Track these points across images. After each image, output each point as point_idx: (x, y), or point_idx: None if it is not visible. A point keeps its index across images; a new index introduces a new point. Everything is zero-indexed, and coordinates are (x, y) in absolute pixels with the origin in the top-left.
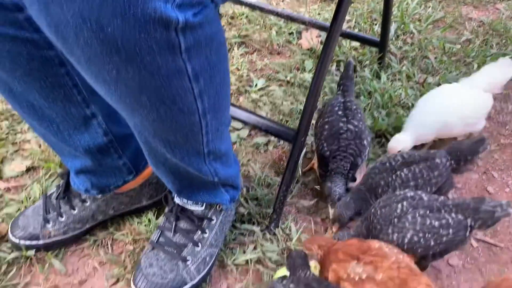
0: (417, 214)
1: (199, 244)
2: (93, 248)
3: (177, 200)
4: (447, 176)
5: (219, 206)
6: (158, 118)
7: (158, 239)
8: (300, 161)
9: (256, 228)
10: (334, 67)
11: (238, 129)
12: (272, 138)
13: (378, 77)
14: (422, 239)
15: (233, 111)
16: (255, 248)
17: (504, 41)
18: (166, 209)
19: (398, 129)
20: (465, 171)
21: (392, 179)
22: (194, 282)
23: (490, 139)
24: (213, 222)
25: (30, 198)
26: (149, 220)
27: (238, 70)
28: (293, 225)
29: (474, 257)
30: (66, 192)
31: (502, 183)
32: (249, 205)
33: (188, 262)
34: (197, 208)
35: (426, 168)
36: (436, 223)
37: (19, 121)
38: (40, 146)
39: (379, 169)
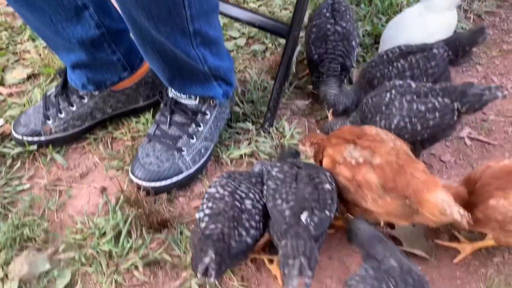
0: (404, 100)
1: (194, 137)
2: (93, 145)
3: (171, 94)
4: (444, 68)
5: (213, 101)
6: None
7: (155, 132)
8: (295, 58)
9: (251, 126)
10: None
11: (235, 38)
12: (270, 45)
13: None
14: (408, 124)
15: (227, 8)
16: (249, 144)
17: None
18: (162, 105)
19: None
20: (462, 63)
21: (388, 71)
22: (190, 171)
23: (493, 46)
24: (207, 116)
25: (31, 101)
26: (147, 120)
27: None
28: (287, 124)
29: (467, 154)
30: (64, 89)
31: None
32: (244, 105)
33: (184, 153)
34: (191, 102)
35: (423, 58)
36: (423, 107)
37: (18, 32)
38: (40, 55)
39: (376, 62)
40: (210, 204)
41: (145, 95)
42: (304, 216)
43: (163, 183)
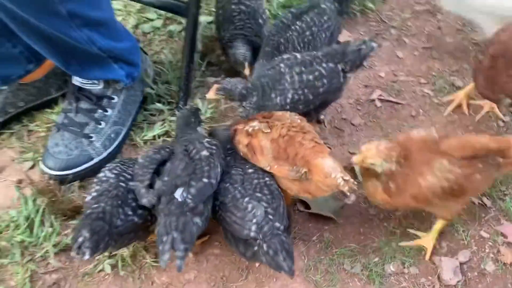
0: (294, 73)
1: (102, 122)
2: (9, 140)
3: (73, 81)
4: (336, 19)
5: (119, 85)
6: None
7: (63, 121)
8: (198, 35)
9: (164, 107)
10: None
11: (152, 20)
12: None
13: None
14: (302, 96)
15: None
16: (163, 124)
17: None
18: (67, 93)
19: None
20: (347, 11)
21: (289, 34)
22: (101, 157)
23: (406, 8)
24: (114, 100)
25: None
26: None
27: None
28: (200, 102)
29: (377, 116)
30: None
31: (412, 47)
32: (159, 87)
33: (93, 139)
34: (95, 87)
35: (316, 15)
36: (311, 77)
37: None
38: None
39: (276, 29)
40: (96, 187)
41: (57, 85)
42: (178, 193)
43: (73, 170)
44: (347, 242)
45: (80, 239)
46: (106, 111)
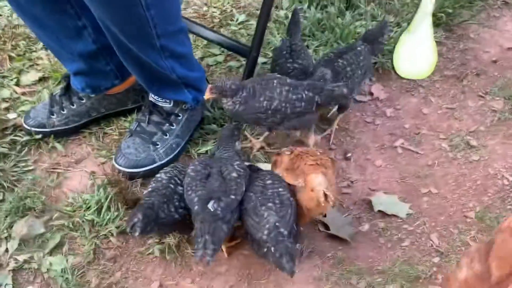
0: (283, 89)
1: (167, 134)
2: (88, 138)
3: (150, 97)
4: (368, 59)
5: (185, 105)
6: (109, 6)
7: (136, 128)
8: (256, 74)
9: (217, 128)
10: (306, 6)
11: (216, 55)
12: (244, 62)
13: (344, 14)
14: (283, 108)
15: (198, 29)
16: (214, 142)
17: None
18: (143, 106)
19: None
20: (378, 52)
21: (336, 65)
22: (162, 162)
23: (436, 71)
24: (180, 118)
25: (40, 100)
26: (132, 119)
27: (223, 6)
28: (248, 129)
29: (397, 161)
30: (68, 91)
31: (437, 106)
32: (215, 111)
33: (158, 147)
34: (166, 105)
35: (353, 56)
36: (294, 96)
37: (34, 42)
38: (50, 61)
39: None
40: (152, 184)
41: (133, 99)
42: (210, 204)
43: (139, 170)
44: (356, 262)
45: (135, 219)
46: (172, 126)
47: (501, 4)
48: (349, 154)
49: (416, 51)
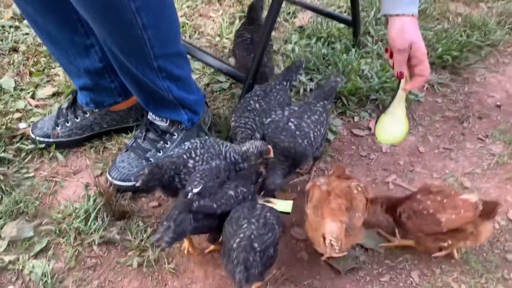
0: (305, 119)
1: (161, 151)
2: (88, 151)
3: (148, 115)
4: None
5: (181, 125)
6: (108, 26)
7: (132, 144)
8: None
9: None
10: (314, 41)
11: (221, 82)
12: None
13: (349, 51)
14: (317, 135)
15: (202, 55)
16: None
17: (476, 32)
18: (141, 123)
19: (352, 94)
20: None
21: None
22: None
23: (438, 112)
24: (174, 137)
25: (51, 112)
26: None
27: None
28: None
29: None
30: (74, 104)
31: (434, 145)
32: (211, 133)
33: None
34: (162, 124)
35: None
36: (314, 118)
37: (54, 59)
38: (65, 78)
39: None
40: (174, 150)
41: (135, 117)
42: (190, 193)
43: (130, 183)
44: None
45: (141, 173)
46: (167, 144)
47: (511, 51)
48: None
49: (391, 123)
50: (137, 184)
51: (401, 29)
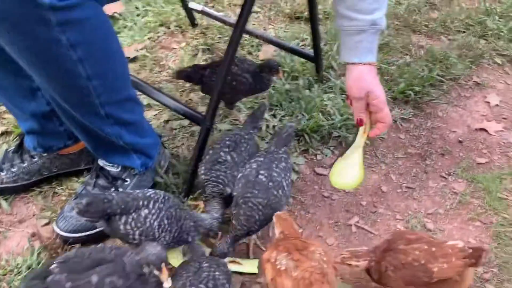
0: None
1: None
2: (36, 197)
3: (98, 160)
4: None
5: (134, 171)
6: (49, 76)
7: (81, 191)
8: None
9: (170, 195)
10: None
11: (181, 119)
12: None
13: (312, 87)
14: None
15: (158, 95)
16: None
17: (437, 66)
18: (91, 168)
19: (315, 131)
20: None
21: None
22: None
23: (400, 148)
24: (127, 183)
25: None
26: (83, 181)
27: None
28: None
29: (350, 240)
30: (20, 148)
31: (397, 184)
32: (168, 177)
33: None
34: (113, 169)
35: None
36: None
37: None
38: None
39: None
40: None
41: (86, 161)
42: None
43: (78, 234)
44: None
45: (82, 201)
46: (118, 190)
47: (472, 85)
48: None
49: (346, 168)
50: (73, 213)
51: (358, 77)
